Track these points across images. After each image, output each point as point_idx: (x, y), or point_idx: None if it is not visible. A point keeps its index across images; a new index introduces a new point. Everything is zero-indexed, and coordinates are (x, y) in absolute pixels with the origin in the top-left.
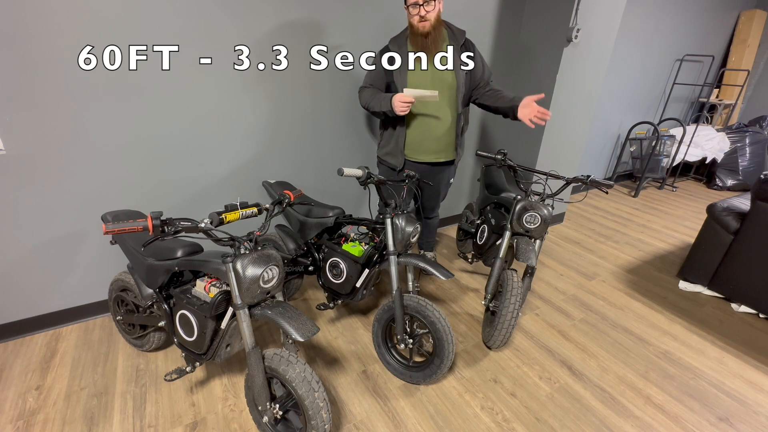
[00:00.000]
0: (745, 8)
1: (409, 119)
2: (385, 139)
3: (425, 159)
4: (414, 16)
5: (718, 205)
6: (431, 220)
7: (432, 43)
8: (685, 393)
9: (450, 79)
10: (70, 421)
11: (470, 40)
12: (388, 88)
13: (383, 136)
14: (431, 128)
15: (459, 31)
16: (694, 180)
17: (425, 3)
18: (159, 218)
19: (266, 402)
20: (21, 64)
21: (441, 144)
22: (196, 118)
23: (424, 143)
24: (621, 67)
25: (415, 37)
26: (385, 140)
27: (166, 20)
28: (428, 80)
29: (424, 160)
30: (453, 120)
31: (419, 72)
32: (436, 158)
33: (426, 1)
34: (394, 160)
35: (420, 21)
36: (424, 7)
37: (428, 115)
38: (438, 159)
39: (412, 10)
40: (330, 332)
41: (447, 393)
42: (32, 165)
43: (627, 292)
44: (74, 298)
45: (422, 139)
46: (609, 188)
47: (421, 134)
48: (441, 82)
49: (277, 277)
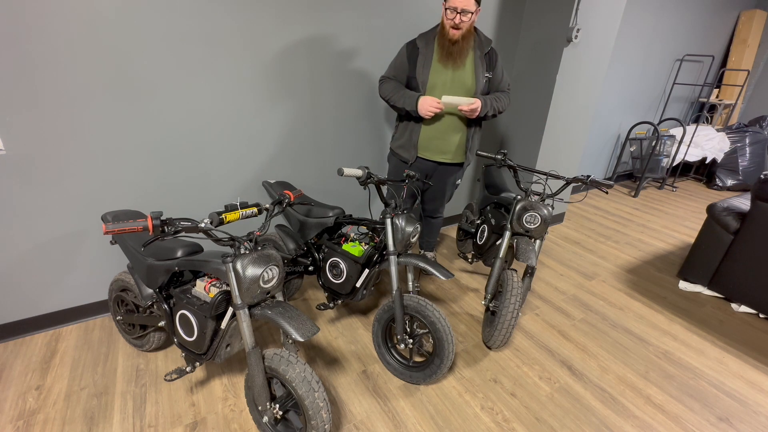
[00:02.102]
0: (745, 8)
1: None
2: (399, 132)
3: (435, 158)
4: (449, 20)
5: (718, 205)
6: (435, 219)
7: (458, 52)
8: (685, 393)
9: (470, 83)
10: (70, 421)
11: (495, 50)
12: (408, 81)
13: (398, 128)
14: (445, 128)
15: (486, 39)
16: (694, 180)
17: (463, 13)
18: (159, 218)
19: (266, 402)
20: (21, 64)
21: (452, 145)
22: (196, 118)
23: (436, 142)
24: (621, 67)
25: (443, 39)
26: (400, 132)
27: (167, 20)
28: (448, 80)
29: (433, 159)
30: (467, 123)
31: (441, 70)
32: (445, 158)
33: (464, 11)
34: (407, 153)
35: (453, 28)
36: (461, 16)
37: (444, 116)
38: (447, 159)
39: (449, 14)
40: (330, 332)
41: (447, 393)
42: (32, 165)
43: (627, 292)
44: (74, 298)
45: (435, 137)
46: (609, 188)
47: (434, 133)
48: (460, 85)
49: (277, 277)
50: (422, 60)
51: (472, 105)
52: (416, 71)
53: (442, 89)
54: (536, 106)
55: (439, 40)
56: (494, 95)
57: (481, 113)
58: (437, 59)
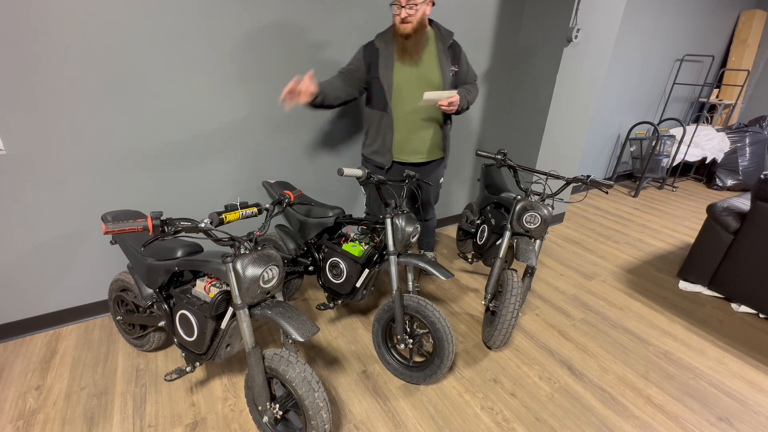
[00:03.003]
0: (745, 8)
1: (396, 118)
2: (370, 138)
3: (412, 159)
4: (395, 16)
5: (718, 205)
6: (428, 221)
7: (413, 45)
8: (685, 393)
9: (437, 79)
10: (70, 421)
11: (457, 42)
12: (372, 84)
13: (368, 134)
14: (418, 128)
15: (447, 32)
16: (694, 180)
17: (407, 5)
18: (159, 218)
19: (266, 402)
20: (21, 64)
21: (427, 144)
22: (196, 118)
23: (411, 143)
24: (621, 67)
25: (396, 36)
26: (371, 138)
27: (167, 21)
28: (414, 77)
29: (410, 161)
30: (439, 120)
31: (404, 68)
32: (422, 158)
33: (408, 3)
34: (382, 159)
35: (401, 22)
36: (407, 9)
37: (414, 115)
38: (424, 159)
39: (395, 9)
40: (330, 332)
41: (447, 393)
42: (32, 165)
43: (627, 292)
44: (74, 298)
45: (409, 138)
46: (609, 188)
47: (409, 133)
48: (426, 81)
49: (277, 277)
50: (383, 61)
51: (451, 98)
52: (379, 72)
53: (408, 88)
54: (536, 106)
55: (395, 38)
56: (464, 88)
57: (460, 107)
58: (397, 57)
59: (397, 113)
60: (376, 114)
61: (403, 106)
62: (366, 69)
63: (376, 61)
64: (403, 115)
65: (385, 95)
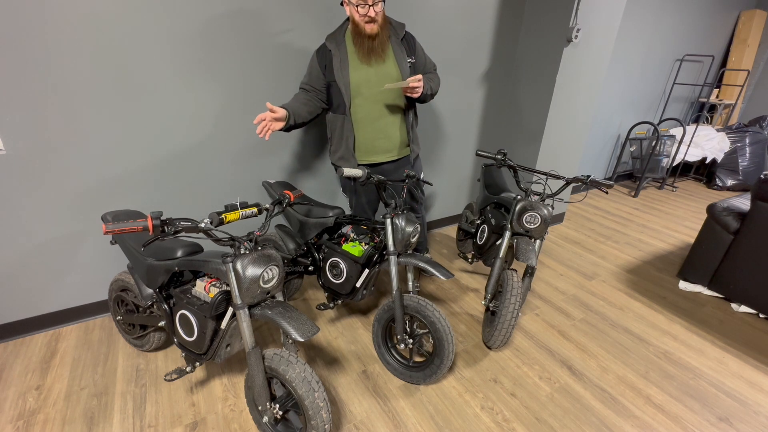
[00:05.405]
0: (745, 8)
1: (357, 119)
2: (335, 144)
3: (379, 159)
4: (361, 16)
5: (718, 205)
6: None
7: (380, 45)
8: (685, 393)
9: (395, 74)
10: (70, 421)
11: (410, 33)
12: (329, 87)
13: (332, 140)
14: (381, 126)
15: (399, 24)
16: (694, 180)
17: (375, 3)
18: (159, 218)
19: (266, 402)
20: (21, 64)
21: (393, 142)
22: (196, 118)
23: (376, 143)
24: (621, 67)
25: (361, 37)
26: (335, 144)
27: (167, 21)
28: (372, 76)
29: (378, 161)
30: (402, 115)
31: (363, 68)
32: (390, 156)
33: (375, 1)
34: (348, 164)
35: (368, 22)
36: (374, 8)
37: (376, 114)
38: (392, 157)
39: (360, 9)
40: (330, 332)
41: (447, 393)
42: (32, 165)
43: (627, 292)
44: (74, 298)
45: (373, 138)
46: (609, 188)
47: (371, 134)
48: (385, 77)
49: (277, 277)
50: (337, 62)
51: (414, 83)
52: (335, 75)
53: (366, 87)
54: (536, 106)
55: (355, 38)
56: (426, 76)
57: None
58: (358, 58)
59: (358, 114)
60: (338, 118)
61: (364, 106)
62: (323, 74)
63: (330, 63)
64: (365, 115)
65: (343, 97)
